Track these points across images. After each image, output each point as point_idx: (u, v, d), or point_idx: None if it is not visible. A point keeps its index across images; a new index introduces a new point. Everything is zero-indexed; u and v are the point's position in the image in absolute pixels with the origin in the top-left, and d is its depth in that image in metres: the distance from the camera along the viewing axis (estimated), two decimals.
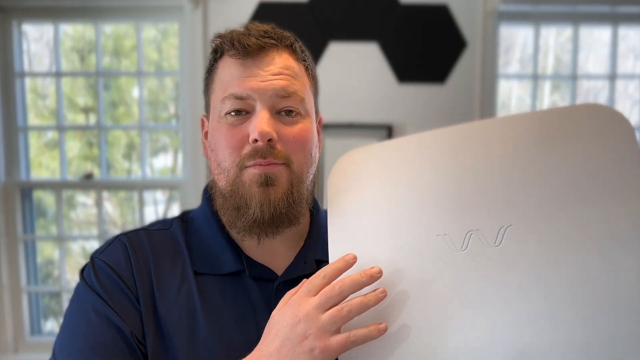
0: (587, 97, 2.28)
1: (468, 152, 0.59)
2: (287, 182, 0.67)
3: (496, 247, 0.56)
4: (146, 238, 0.73)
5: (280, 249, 0.72)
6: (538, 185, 0.55)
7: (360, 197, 0.65)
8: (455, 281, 0.56)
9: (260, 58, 0.67)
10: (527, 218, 0.55)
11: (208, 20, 2.01)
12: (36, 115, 2.26)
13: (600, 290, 0.51)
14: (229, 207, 0.68)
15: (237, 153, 0.66)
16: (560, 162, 0.55)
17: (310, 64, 0.74)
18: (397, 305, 0.58)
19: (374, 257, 0.61)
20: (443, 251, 0.58)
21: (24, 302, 2.18)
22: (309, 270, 0.70)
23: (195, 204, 0.80)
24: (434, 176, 0.61)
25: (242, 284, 0.69)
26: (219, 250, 0.71)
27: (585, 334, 0.51)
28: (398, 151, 0.64)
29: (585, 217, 0.53)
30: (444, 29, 2.00)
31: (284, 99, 0.66)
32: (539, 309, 0.53)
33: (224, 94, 0.67)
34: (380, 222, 0.62)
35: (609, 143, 0.54)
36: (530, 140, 0.57)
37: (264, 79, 0.66)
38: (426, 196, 0.60)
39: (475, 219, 0.57)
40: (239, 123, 0.67)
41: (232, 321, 0.67)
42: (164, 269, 0.69)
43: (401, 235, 0.60)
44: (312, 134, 0.70)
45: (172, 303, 0.67)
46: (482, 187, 0.58)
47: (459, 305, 0.56)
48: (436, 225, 0.59)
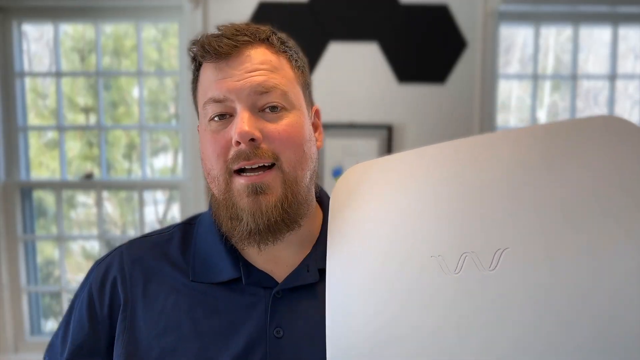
0: (587, 97, 2.28)
1: (467, 169, 0.56)
2: (280, 185, 0.64)
3: (491, 271, 0.52)
4: (139, 247, 0.73)
5: (284, 255, 0.69)
6: (538, 206, 0.51)
7: (358, 216, 0.64)
8: (447, 305, 0.54)
9: (233, 57, 0.64)
10: (524, 241, 0.51)
11: (208, 20, 2.01)
12: (36, 115, 2.26)
13: (601, 325, 0.46)
14: (225, 217, 0.66)
15: (223, 158, 0.64)
16: (564, 181, 0.50)
17: (294, 55, 0.69)
18: (389, 327, 0.57)
19: (369, 277, 0.60)
20: (436, 273, 0.55)
21: (24, 302, 2.18)
22: (311, 279, 0.68)
23: (195, 204, 0.80)
24: (431, 194, 0.58)
25: (238, 293, 0.67)
26: (217, 258, 0.69)
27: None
28: (397, 168, 0.62)
29: (589, 240, 0.48)
30: (444, 29, 2.00)
31: (264, 95, 0.63)
32: (534, 341, 0.49)
33: (204, 99, 0.65)
34: (376, 242, 0.61)
35: (621, 158, 0.48)
36: (533, 158, 0.52)
37: (239, 78, 0.63)
38: (422, 215, 0.58)
39: (471, 240, 0.53)
40: (222, 128, 0.64)
41: (219, 335, 0.65)
42: (152, 279, 0.69)
43: (395, 256, 0.59)
44: (301, 128, 0.66)
45: (156, 315, 0.66)
46: (480, 206, 0.54)
47: (450, 330, 0.53)
48: (431, 246, 0.56)
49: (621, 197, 0.47)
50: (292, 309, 0.66)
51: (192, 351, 0.64)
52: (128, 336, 0.66)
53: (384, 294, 0.59)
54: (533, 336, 0.49)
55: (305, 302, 0.67)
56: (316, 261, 0.69)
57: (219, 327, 0.65)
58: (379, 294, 0.59)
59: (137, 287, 0.68)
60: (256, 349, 0.64)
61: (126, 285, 0.68)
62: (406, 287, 0.57)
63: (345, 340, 0.61)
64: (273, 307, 0.66)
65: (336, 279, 0.64)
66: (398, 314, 0.57)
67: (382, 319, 0.58)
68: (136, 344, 0.65)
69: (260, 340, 0.64)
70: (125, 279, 0.69)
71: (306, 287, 0.68)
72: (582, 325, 0.47)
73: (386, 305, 0.58)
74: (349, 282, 0.62)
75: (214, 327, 0.65)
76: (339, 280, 0.63)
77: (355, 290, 0.61)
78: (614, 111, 2.16)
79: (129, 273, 0.69)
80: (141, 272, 0.69)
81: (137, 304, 0.67)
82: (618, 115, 0.51)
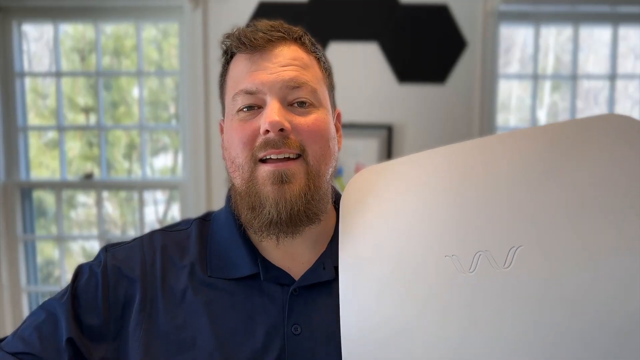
0: (587, 97, 2.28)
1: (479, 169, 0.57)
2: (304, 176, 0.64)
3: (505, 269, 0.52)
4: (160, 241, 0.72)
5: (301, 251, 0.70)
6: (551, 204, 0.51)
7: (370, 217, 0.64)
8: (463, 305, 0.54)
9: (268, 51, 0.66)
10: (538, 238, 0.51)
11: (208, 20, 2.01)
12: (36, 115, 2.26)
13: (617, 322, 0.46)
14: (245, 207, 0.66)
15: (250, 146, 0.65)
16: (575, 178, 0.51)
17: (323, 57, 0.72)
18: (404, 328, 0.57)
19: (383, 277, 0.60)
20: (451, 273, 0.55)
21: (24, 302, 2.18)
22: (327, 277, 0.68)
23: (195, 204, 0.80)
24: (443, 194, 0.58)
25: (255, 289, 0.67)
26: (235, 253, 0.70)
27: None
28: (408, 170, 0.63)
29: (605, 236, 0.48)
30: (444, 29, 2.00)
31: (295, 89, 0.65)
32: (551, 338, 0.49)
33: (235, 91, 0.67)
34: (389, 243, 0.61)
35: (629, 154, 0.49)
36: (544, 156, 0.53)
37: (272, 71, 0.65)
38: (436, 215, 0.58)
39: (485, 239, 0.54)
40: (250, 118, 0.65)
41: (237, 330, 0.65)
42: (170, 273, 0.69)
43: (409, 256, 0.59)
44: (328, 125, 0.68)
45: (176, 309, 0.66)
46: (492, 205, 0.55)
47: (466, 330, 0.54)
48: (445, 246, 0.56)
49: (632, 193, 0.48)
50: (309, 306, 0.67)
51: (211, 347, 0.64)
52: (146, 329, 0.65)
53: (399, 295, 0.59)
54: (549, 333, 0.49)
55: (322, 300, 0.67)
56: (332, 259, 0.69)
57: (236, 323, 0.65)
58: (394, 295, 0.59)
59: (156, 280, 0.68)
60: (274, 346, 0.64)
61: (146, 277, 0.68)
62: (422, 287, 0.57)
63: (360, 341, 0.61)
64: (290, 305, 0.66)
65: (349, 280, 0.64)
66: (414, 315, 0.57)
67: (398, 319, 0.58)
68: (155, 337, 0.65)
69: (277, 337, 0.64)
70: (145, 272, 0.68)
71: (322, 284, 0.68)
72: (599, 321, 0.47)
73: (402, 306, 0.58)
74: (362, 284, 0.62)
75: (231, 323, 0.65)
76: (352, 281, 0.63)
77: (368, 292, 0.61)
78: (614, 111, 2.16)
79: (149, 265, 0.69)
80: (161, 266, 0.69)
81: (156, 297, 0.67)
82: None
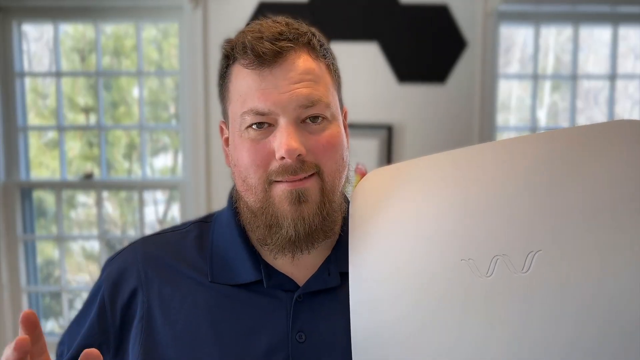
0: (587, 97, 2.28)
1: (495, 173, 0.56)
2: (319, 193, 0.63)
3: (524, 274, 0.51)
4: (153, 247, 0.71)
5: (304, 256, 0.67)
6: (569, 208, 0.51)
7: (382, 221, 0.63)
8: (479, 309, 0.53)
9: (277, 65, 0.61)
10: (558, 243, 0.50)
11: (208, 20, 2.01)
12: (36, 115, 2.26)
13: (636, 327, 0.46)
14: (260, 225, 0.64)
15: (263, 170, 0.62)
16: (594, 182, 0.50)
17: (330, 57, 0.68)
18: (418, 333, 0.57)
19: (397, 282, 0.59)
20: (468, 277, 0.54)
21: (24, 302, 2.18)
22: (333, 283, 0.66)
23: (195, 204, 0.80)
24: (458, 198, 0.57)
25: (258, 295, 0.66)
26: (237, 258, 0.68)
27: None
28: (421, 172, 0.62)
29: (623, 241, 0.48)
30: (444, 29, 2.00)
31: (309, 108, 0.62)
32: (569, 342, 0.49)
33: (243, 109, 0.62)
34: (402, 246, 0.60)
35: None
36: (561, 160, 0.52)
37: (284, 90, 0.60)
38: (450, 218, 0.57)
39: (503, 243, 0.53)
40: (261, 138, 0.62)
41: (240, 338, 0.64)
42: (166, 279, 0.68)
43: (423, 260, 0.58)
44: (341, 138, 0.66)
45: (174, 317, 0.65)
46: (511, 209, 0.54)
47: (482, 334, 0.53)
48: (460, 249, 0.55)
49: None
50: (314, 313, 0.65)
51: (213, 356, 0.63)
52: (145, 340, 0.65)
53: (414, 299, 0.58)
54: (567, 338, 0.49)
55: (327, 306, 0.66)
56: (337, 264, 0.68)
57: (239, 330, 0.64)
58: (409, 299, 0.58)
59: (152, 289, 0.67)
60: (278, 354, 0.63)
61: (142, 288, 0.67)
62: (437, 291, 0.56)
63: (372, 347, 0.60)
64: (295, 312, 0.64)
65: (360, 285, 0.63)
66: (430, 319, 0.56)
67: (412, 324, 0.57)
68: (154, 347, 0.64)
69: (282, 345, 0.63)
70: (140, 282, 0.67)
71: (328, 290, 0.66)
72: (618, 327, 0.47)
73: (417, 310, 0.57)
74: (374, 288, 0.61)
75: (234, 330, 0.64)
76: (364, 286, 0.62)
77: (381, 296, 0.60)
78: (614, 111, 2.16)
79: (143, 274, 0.68)
80: (156, 273, 0.68)
81: (153, 307, 0.66)
82: (619, 115, 0.52)
